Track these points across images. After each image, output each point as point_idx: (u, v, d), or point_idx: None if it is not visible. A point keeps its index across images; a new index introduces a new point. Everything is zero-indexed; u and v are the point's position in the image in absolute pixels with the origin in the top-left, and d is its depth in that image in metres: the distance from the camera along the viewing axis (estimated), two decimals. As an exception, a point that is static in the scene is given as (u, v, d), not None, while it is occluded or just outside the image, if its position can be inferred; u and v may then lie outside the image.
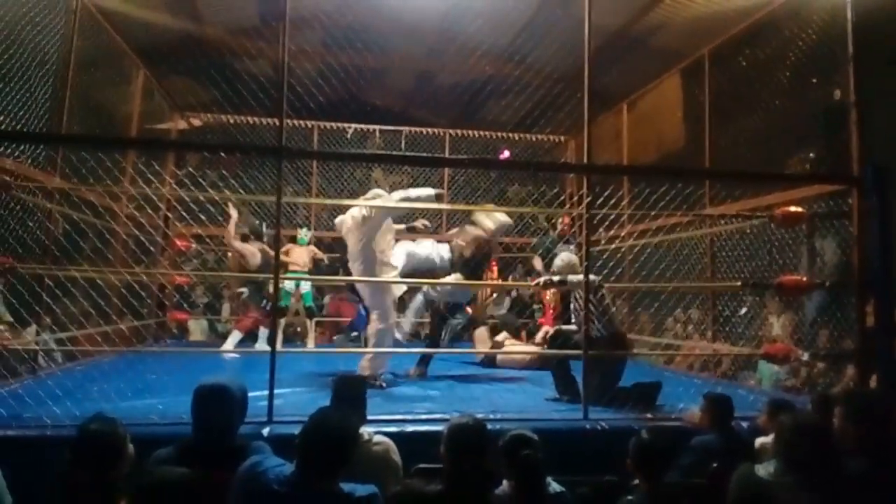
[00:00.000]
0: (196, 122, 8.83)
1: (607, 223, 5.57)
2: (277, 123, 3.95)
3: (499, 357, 6.71)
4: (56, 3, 5.31)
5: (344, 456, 2.25)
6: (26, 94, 4.99)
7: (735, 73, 6.25)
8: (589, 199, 4.32)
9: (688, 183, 5.72)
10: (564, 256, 5.23)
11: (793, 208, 4.72)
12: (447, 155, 9.22)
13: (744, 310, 6.35)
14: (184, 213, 5.25)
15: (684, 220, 6.49)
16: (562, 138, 9.58)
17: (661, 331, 7.10)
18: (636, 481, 2.78)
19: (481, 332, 7.49)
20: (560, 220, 8.00)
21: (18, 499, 2.55)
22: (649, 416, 4.11)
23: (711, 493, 2.86)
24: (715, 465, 3.05)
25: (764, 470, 2.61)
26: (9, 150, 4.77)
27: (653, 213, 5.53)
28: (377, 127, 9.45)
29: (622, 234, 7.25)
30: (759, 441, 3.30)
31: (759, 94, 5.97)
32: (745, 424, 3.74)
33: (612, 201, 4.84)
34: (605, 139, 8.37)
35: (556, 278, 4.89)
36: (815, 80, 5.41)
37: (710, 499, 2.85)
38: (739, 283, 5.31)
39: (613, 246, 7.00)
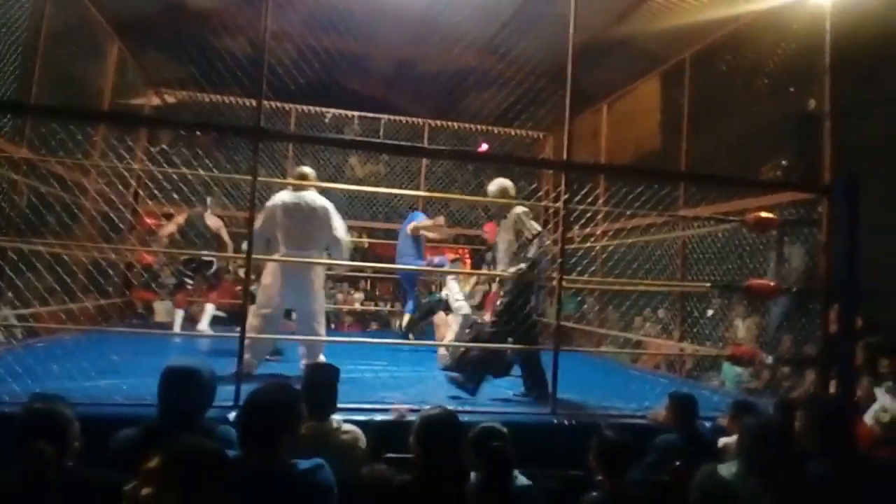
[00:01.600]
0: (171, 99, 8.65)
1: (583, 221, 5.59)
2: (255, 104, 3.88)
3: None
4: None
5: (280, 427, 2.20)
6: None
7: (714, 79, 6.32)
8: (566, 195, 4.33)
9: (663, 184, 5.77)
10: (498, 182, 5.04)
11: (764, 214, 4.79)
12: (426, 145, 9.18)
13: (711, 311, 6.46)
14: (155, 192, 5.12)
15: (658, 221, 6.56)
16: (541, 135, 9.62)
17: (629, 329, 7.19)
18: (599, 478, 2.80)
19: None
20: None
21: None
22: (613, 413, 4.16)
23: (674, 492, 2.90)
24: (678, 463, 3.10)
25: (727, 470, 2.66)
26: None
27: (628, 213, 5.58)
28: (356, 113, 9.37)
29: (597, 232, 7.31)
30: (722, 441, 3.36)
31: (736, 100, 6.05)
32: (708, 424, 3.81)
33: (589, 200, 4.86)
34: (584, 138, 8.41)
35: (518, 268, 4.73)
36: (791, 89, 5.50)
37: (672, 497, 2.89)
38: (709, 285, 5.39)
39: (587, 245, 7.05)
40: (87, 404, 3.28)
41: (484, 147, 9.62)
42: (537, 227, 4.72)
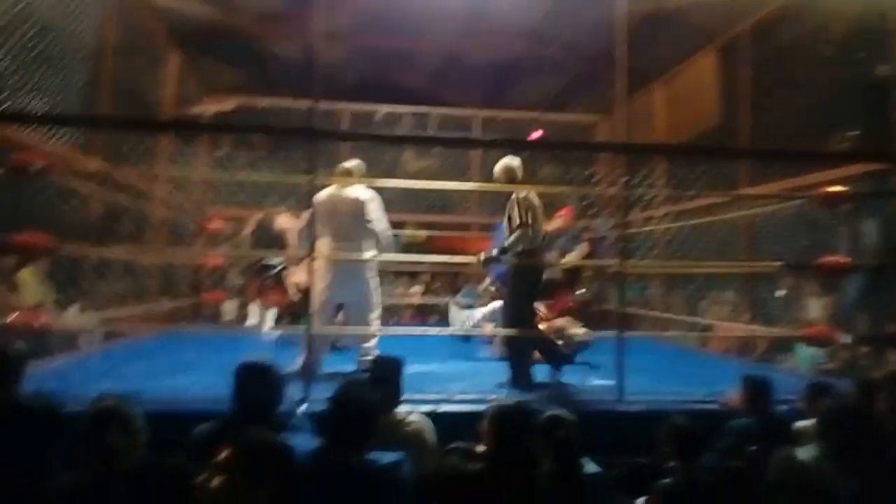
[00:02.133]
0: (228, 106, 8.90)
1: (643, 204, 5.47)
2: (308, 106, 3.95)
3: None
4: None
5: (366, 428, 2.31)
6: (64, 79, 5.08)
7: (774, 49, 6.08)
8: (626, 178, 4.24)
9: (725, 162, 5.60)
10: (505, 160, 4.74)
11: (834, 188, 4.58)
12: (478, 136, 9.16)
13: (781, 292, 6.23)
14: (219, 195, 5.30)
15: (722, 201, 6.36)
16: (594, 118, 9.44)
17: (695, 313, 7.01)
18: (672, 464, 2.76)
19: None
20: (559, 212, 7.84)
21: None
22: (683, 398, 4.07)
23: (749, 477, 2.83)
24: (753, 448, 3.01)
25: (804, 454, 2.57)
26: (49, 133, 4.87)
27: (689, 194, 5.43)
28: (407, 109, 9.41)
29: (658, 215, 7.14)
30: (799, 425, 3.25)
31: (799, 70, 5.80)
32: (783, 408, 3.68)
33: (647, 182, 4.75)
34: (639, 119, 8.23)
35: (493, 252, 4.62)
36: (861, 55, 5.23)
37: (747, 483, 2.82)
38: (779, 264, 5.20)
39: (648, 228, 6.89)
40: (164, 402, 3.45)
41: (537, 134, 9.52)
42: (523, 217, 4.47)
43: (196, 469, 1.95)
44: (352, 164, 5.08)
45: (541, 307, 6.67)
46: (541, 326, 6.38)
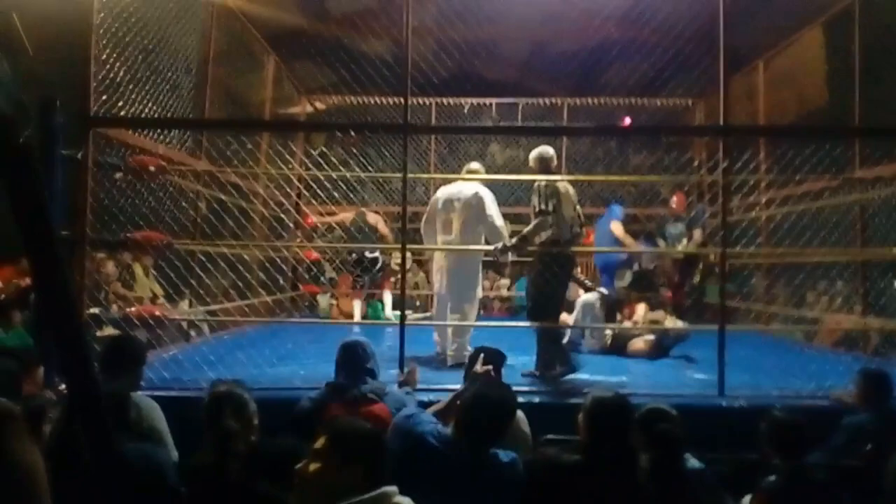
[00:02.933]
0: (322, 105, 9.20)
1: (745, 190, 5.21)
2: (399, 102, 4.04)
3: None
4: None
5: (502, 427, 2.41)
6: (174, 86, 5.42)
7: (889, 21, 5.62)
8: (725, 163, 4.06)
9: (835, 143, 5.25)
10: (539, 149, 4.62)
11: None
12: (565, 125, 9.02)
13: (899, 281, 5.81)
14: (318, 191, 5.50)
15: (832, 185, 5.97)
16: (689, 102, 9.08)
17: (802, 305, 6.63)
18: (776, 461, 2.64)
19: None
20: (672, 196, 7.61)
21: (182, 450, 2.84)
22: (789, 394, 3.88)
23: (865, 477, 2.67)
24: (869, 446, 2.84)
25: (928, 455, 2.40)
26: (161, 137, 5.22)
27: (796, 178, 5.13)
28: (493, 100, 9.39)
29: (761, 202, 6.79)
30: (920, 424, 3.03)
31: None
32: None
33: (750, 167, 4.53)
34: (739, 101, 7.84)
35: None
36: None
37: (862, 483, 2.66)
38: (894, 251, 4.84)
39: (753, 214, 6.56)
40: (271, 389, 3.64)
41: (627, 121, 9.27)
42: (544, 205, 4.33)
43: (295, 444, 2.14)
44: (476, 165, 5.31)
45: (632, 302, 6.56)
46: (628, 322, 6.26)
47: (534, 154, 4.62)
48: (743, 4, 6.05)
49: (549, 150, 4.58)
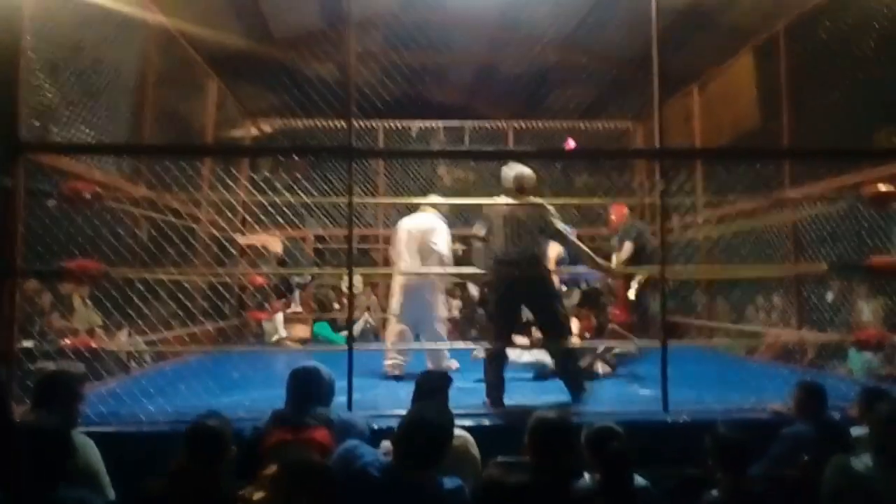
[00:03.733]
0: (267, 129, 9.10)
1: (683, 211, 5.39)
2: (344, 125, 4.03)
3: None
4: (133, 22, 5.57)
5: (442, 451, 2.36)
6: (111, 110, 5.28)
7: (813, 48, 5.94)
8: (662, 185, 4.18)
9: (766, 164, 5.48)
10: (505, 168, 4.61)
11: (883, 186, 4.45)
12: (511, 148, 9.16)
13: (831, 295, 6.06)
14: (261, 216, 5.43)
15: (765, 204, 6.22)
16: (629, 125, 9.35)
17: (741, 319, 6.84)
18: (719, 475, 2.70)
19: None
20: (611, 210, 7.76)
21: (119, 490, 2.71)
22: (731, 408, 3.98)
23: (803, 486, 2.75)
24: (806, 457, 2.93)
25: (860, 463, 2.49)
26: (97, 162, 5.07)
27: (730, 198, 5.33)
28: (441, 123, 9.48)
29: (698, 221, 7.01)
30: (855, 432, 3.15)
31: (839, 67, 5.66)
32: (836, 415, 3.57)
33: (686, 187, 4.68)
34: (676, 123, 8.12)
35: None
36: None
37: (801, 492, 2.74)
38: (825, 266, 5.06)
39: (689, 235, 6.78)
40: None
41: (571, 144, 9.48)
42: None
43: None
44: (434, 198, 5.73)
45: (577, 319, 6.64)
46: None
47: (514, 173, 4.56)
48: (676, 30, 6.31)
49: (513, 171, 4.55)
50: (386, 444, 2.77)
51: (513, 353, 4.85)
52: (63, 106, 4.51)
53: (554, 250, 6.51)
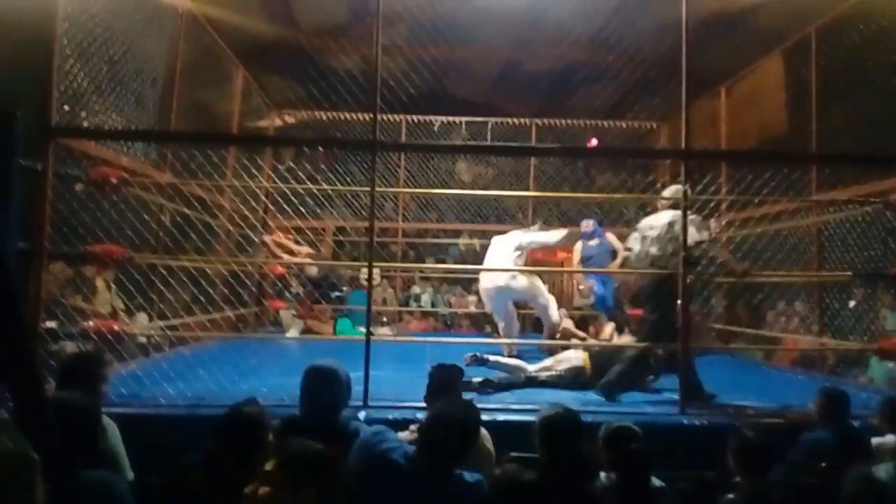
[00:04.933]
0: (291, 119, 9.17)
1: (706, 212, 5.32)
2: (368, 118, 4.05)
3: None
4: (163, 10, 5.63)
5: (468, 447, 2.37)
6: (139, 97, 5.35)
7: (844, 52, 5.84)
8: (687, 186, 4.15)
9: (793, 168, 5.40)
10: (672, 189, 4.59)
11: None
12: (533, 145, 9.14)
13: (853, 303, 5.97)
14: (285, 206, 5.46)
15: (790, 208, 6.15)
16: (654, 125, 9.29)
17: (761, 325, 6.77)
18: (737, 479, 2.68)
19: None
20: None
21: (137, 470, 2.76)
22: (749, 412, 3.95)
23: (822, 494, 2.72)
24: (824, 464, 2.90)
25: (883, 472, 2.47)
26: (125, 149, 5.13)
27: (755, 201, 5.26)
28: (463, 119, 9.48)
29: (721, 223, 6.94)
30: (876, 441, 3.11)
31: (871, 71, 5.57)
32: (857, 424, 3.53)
33: (711, 189, 4.63)
34: (702, 125, 8.04)
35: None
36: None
37: (820, 499, 2.72)
38: (850, 274, 4.99)
39: (713, 235, 6.69)
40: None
41: (594, 142, 9.44)
42: None
43: None
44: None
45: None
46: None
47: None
48: (706, 31, 6.24)
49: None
50: (404, 435, 2.78)
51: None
52: (93, 92, 4.56)
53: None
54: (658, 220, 4.47)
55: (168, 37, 5.84)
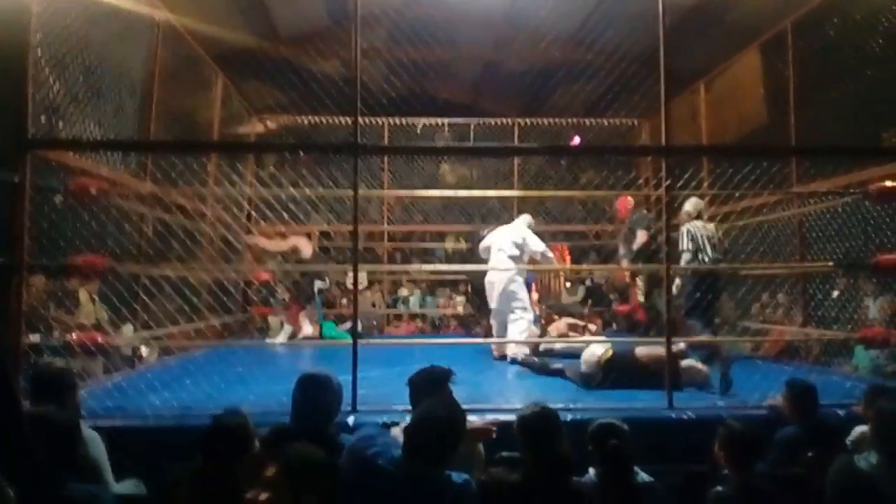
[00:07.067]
0: (272, 125, 9.12)
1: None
2: (350, 122, 4.03)
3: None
4: (139, 19, 5.58)
5: (454, 447, 2.35)
6: (117, 106, 5.30)
7: (821, 45, 5.91)
8: (668, 181, 4.17)
9: (773, 161, 5.46)
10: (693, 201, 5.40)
11: (889, 183, 4.43)
12: (516, 144, 9.15)
13: (836, 292, 6.04)
14: (267, 212, 5.43)
15: (771, 201, 6.21)
16: (635, 122, 9.33)
17: (746, 316, 6.83)
18: (725, 471, 2.70)
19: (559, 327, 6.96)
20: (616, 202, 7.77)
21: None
22: (735, 405, 3.98)
23: (807, 484, 2.75)
24: (810, 454, 2.93)
25: (864, 461, 2.49)
26: (105, 159, 5.08)
27: (736, 195, 5.32)
28: (446, 120, 9.47)
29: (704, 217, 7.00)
30: (858, 430, 3.14)
31: (847, 65, 5.63)
32: (840, 412, 3.57)
33: (693, 184, 4.68)
34: (682, 120, 8.10)
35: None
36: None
37: (805, 489, 2.75)
38: (831, 264, 5.05)
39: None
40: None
41: (576, 140, 9.47)
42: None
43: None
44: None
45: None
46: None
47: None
48: (683, 27, 6.29)
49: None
50: (396, 431, 2.77)
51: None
52: (70, 103, 4.52)
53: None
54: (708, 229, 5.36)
55: (146, 45, 5.79)
